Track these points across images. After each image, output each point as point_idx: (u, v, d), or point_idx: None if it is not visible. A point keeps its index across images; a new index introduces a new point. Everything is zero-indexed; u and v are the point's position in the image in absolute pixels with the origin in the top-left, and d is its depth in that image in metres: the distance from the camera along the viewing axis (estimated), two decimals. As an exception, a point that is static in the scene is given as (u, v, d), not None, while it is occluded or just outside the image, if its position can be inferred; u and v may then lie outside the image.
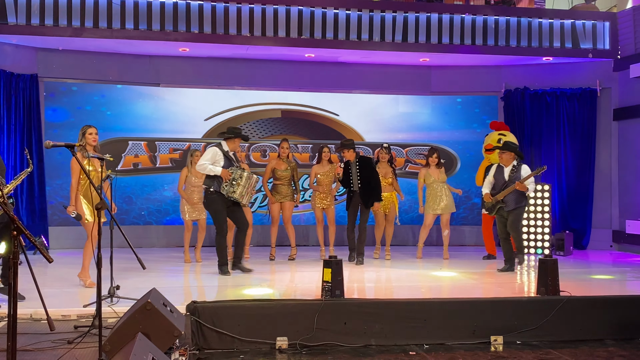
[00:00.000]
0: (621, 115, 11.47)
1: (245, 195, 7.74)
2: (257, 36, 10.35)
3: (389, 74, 11.92)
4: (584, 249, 11.47)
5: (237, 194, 7.65)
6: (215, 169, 7.66)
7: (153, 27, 10.04)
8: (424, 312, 5.78)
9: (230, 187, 7.63)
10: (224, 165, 7.74)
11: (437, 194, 9.69)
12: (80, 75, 11.03)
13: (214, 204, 7.79)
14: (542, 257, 6.40)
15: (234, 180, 7.64)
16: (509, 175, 8.38)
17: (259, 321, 5.50)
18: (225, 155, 7.82)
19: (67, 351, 4.53)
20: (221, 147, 7.87)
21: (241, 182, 7.66)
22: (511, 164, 8.42)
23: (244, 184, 7.69)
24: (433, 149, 9.95)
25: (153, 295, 4.38)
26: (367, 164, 9.14)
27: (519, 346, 5.65)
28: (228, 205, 7.83)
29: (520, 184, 8.13)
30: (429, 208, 9.73)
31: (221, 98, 11.60)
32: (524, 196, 8.35)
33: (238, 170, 7.71)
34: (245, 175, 7.70)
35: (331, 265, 5.87)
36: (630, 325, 5.99)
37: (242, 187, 7.66)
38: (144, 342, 3.44)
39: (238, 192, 7.65)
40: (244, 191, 7.69)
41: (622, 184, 11.52)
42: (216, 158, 7.76)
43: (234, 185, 7.63)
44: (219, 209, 7.79)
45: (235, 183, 7.64)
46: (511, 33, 11.08)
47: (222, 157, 7.77)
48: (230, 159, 7.84)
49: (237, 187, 7.64)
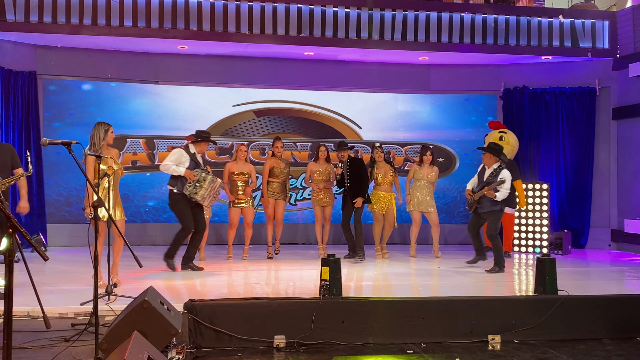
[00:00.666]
0: (620, 114, 11.46)
1: (207, 198, 7.86)
2: (256, 34, 10.34)
3: (388, 73, 11.91)
4: (582, 248, 11.47)
5: (199, 196, 7.77)
6: (179, 169, 7.77)
7: (152, 24, 10.02)
8: (421, 311, 5.78)
9: (193, 189, 7.75)
10: (190, 167, 7.86)
11: (421, 191, 9.68)
12: (78, 73, 11.02)
13: (178, 204, 7.92)
14: (540, 256, 6.39)
15: (197, 182, 7.75)
16: (486, 178, 8.39)
17: (257, 319, 5.50)
18: (192, 157, 7.93)
19: (64, 349, 4.53)
20: (188, 150, 8.00)
21: (204, 184, 7.77)
22: (492, 167, 8.38)
23: (207, 186, 7.79)
24: (425, 147, 9.95)
25: (150, 294, 4.37)
26: (356, 164, 9.32)
27: (517, 345, 5.65)
28: (192, 206, 7.94)
29: (487, 190, 8.15)
30: (412, 205, 9.74)
31: (220, 96, 11.59)
32: (499, 201, 8.25)
33: (203, 172, 7.83)
34: (209, 178, 7.82)
35: (329, 264, 5.87)
36: (628, 325, 6.01)
37: (204, 189, 7.78)
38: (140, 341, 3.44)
39: (200, 193, 7.77)
40: (206, 193, 7.81)
41: (621, 183, 11.52)
42: (181, 159, 7.87)
43: (197, 187, 7.75)
44: (184, 208, 7.92)
45: (199, 185, 7.75)
46: (510, 32, 11.07)
47: (187, 159, 7.88)
48: (196, 162, 7.96)
49: (199, 189, 7.76)
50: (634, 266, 9.37)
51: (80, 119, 10.96)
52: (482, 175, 8.51)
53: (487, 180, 8.31)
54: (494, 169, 8.34)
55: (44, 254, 2.79)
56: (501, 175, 8.18)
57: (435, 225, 9.79)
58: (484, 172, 8.52)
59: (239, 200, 9.18)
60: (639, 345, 5.74)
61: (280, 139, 9.64)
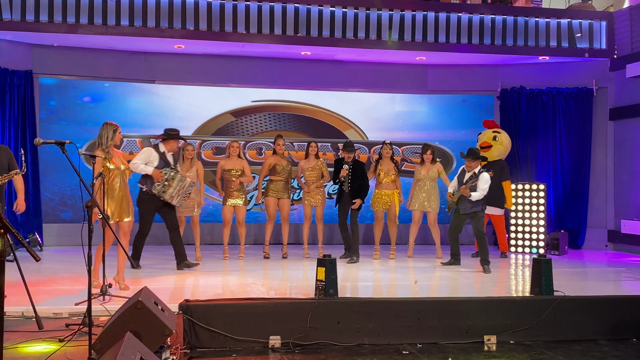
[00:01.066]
0: (617, 115, 11.46)
1: (175, 197, 7.86)
2: (253, 33, 10.32)
3: (386, 73, 11.90)
4: (579, 248, 11.47)
5: (167, 195, 7.78)
6: (147, 169, 7.77)
7: (148, 23, 10.00)
8: (417, 312, 5.78)
9: (161, 187, 7.77)
10: (159, 165, 7.84)
11: (422, 191, 9.65)
12: (75, 72, 10.99)
13: (143, 204, 7.98)
14: (536, 257, 6.39)
15: (166, 180, 7.77)
16: (466, 180, 8.51)
17: (252, 320, 5.50)
18: (161, 156, 7.91)
19: (57, 349, 4.51)
20: (157, 149, 7.98)
21: (172, 183, 7.79)
22: (473, 171, 8.48)
23: (175, 185, 7.80)
24: (427, 146, 9.91)
25: (144, 294, 4.35)
26: (359, 166, 9.34)
27: (513, 346, 5.65)
28: (160, 206, 7.96)
29: (464, 188, 8.28)
30: (413, 204, 9.72)
31: (217, 95, 11.58)
32: (479, 201, 8.35)
33: (171, 171, 7.83)
34: (177, 177, 7.83)
35: (325, 264, 5.86)
36: (624, 326, 6.01)
37: (173, 188, 7.80)
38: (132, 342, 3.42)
39: (168, 192, 7.79)
40: (174, 192, 7.82)
41: (618, 184, 11.52)
42: (150, 158, 7.84)
43: (165, 185, 7.77)
44: (146, 209, 7.99)
45: (167, 184, 7.77)
46: (508, 32, 11.07)
47: (156, 158, 7.86)
48: (166, 161, 7.94)
49: (168, 188, 7.78)
50: (630, 267, 9.36)
51: (77, 118, 10.95)
52: (462, 177, 8.63)
53: (466, 182, 8.45)
54: (474, 172, 8.48)
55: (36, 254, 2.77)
56: (480, 177, 8.34)
57: (432, 225, 9.72)
58: (463, 174, 8.64)
59: (232, 198, 9.15)
60: (635, 346, 5.74)
61: (282, 136, 9.61)
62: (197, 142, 11.37)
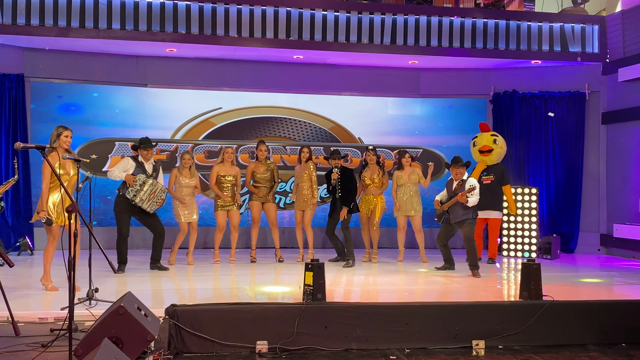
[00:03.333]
0: (610, 119, 11.46)
1: (146, 201, 8.08)
2: (245, 37, 10.32)
3: (378, 76, 11.90)
4: (571, 252, 11.46)
5: (137, 199, 8.02)
6: (121, 174, 8.10)
7: (140, 27, 10.00)
8: (405, 316, 5.73)
9: (134, 192, 8.01)
10: (134, 172, 8.14)
11: (405, 196, 9.65)
12: (66, 76, 10.97)
13: (117, 206, 8.27)
14: (524, 261, 6.37)
15: (140, 185, 8.01)
16: (454, 188, 8.56)
17: (239, 325, 5.45)
18: (139, 165, 8.24)
19: (38, 354, 4.47)
20: (136, 158, 8.32)
21: (144, 188, 8.04)
22: (460, 178, 8.57)
23: (146, 189, 8.05)
24: (403, 151, 9.94)
25: (127, 299, 4.32)
26: (347, 173, 9.35)
27: (501, 351, 5.61)
28: (137, 212, 8.23)
29: (460, 195, 8.28)
30: (398, 211, 9.71)
31: (209, 99, 11.55)
32: (469, 208, 8.41)
33: (143, 177, 8.07)
34: (148, 182, 8.07)
35: (313, 269, 5.83)
36: (614, 330, 5.97)
37: (143, 192, 8.03)
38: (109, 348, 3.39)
39: (139, 196, 8.03)
40: (144, 196, 8.05)
41: (610, 188, 11.52)
42: (127, 167, 8.18)
43: (137, 190, 8.01)
44: (120, 211, 8.23)
45: (139, 189, 8.01)
46: (500, 36, 11.07)
47: (133, 167, 8.19)
48: (143, 169, 8.24)
49: (139, 193, 8.02)
50: (623, 271, 9.35)
51: (68, 121, 10.85)
52: (450, 186, 8.68)
53: (455, 190, 8.50)
54: (462, 180, 8.54)
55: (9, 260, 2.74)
56: (469, 183, 8.41)
57: (418, 231, 9.73)
58: (452, 183, 8.69)
59: (225, 203, 9.14)
60: (624, 351, 5.70)
61: (264, 142, 9.58)
62: (190, 146, 11.33)
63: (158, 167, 8.45)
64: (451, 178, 8.73)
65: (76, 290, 6.62)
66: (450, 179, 8.75)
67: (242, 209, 11.40)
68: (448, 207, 8.51)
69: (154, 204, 8.17)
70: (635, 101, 10.87)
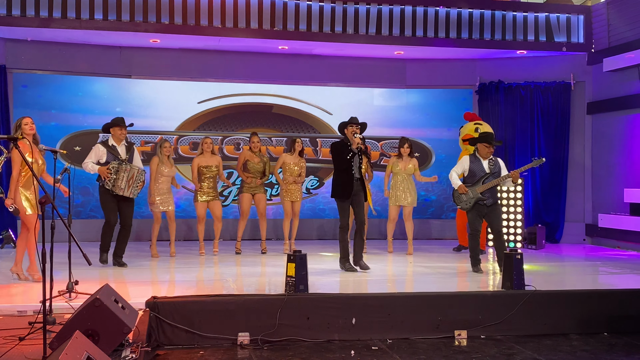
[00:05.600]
0: (595, 109, 11.48)
1: (126, 189, 7.79)
2: (229, 27, 10.25)
3: (364, 67, 11.83)
4: (557, 242, 11.49)
5: (117, 188, 7.75)
6: (94, 167, 7.80)
7: (122, 17, 9.90)
8: (387, 307, 5.74)
9: (112, 182, 7.74)
10: (107, 159, 7.83)
11: (399, 185, 9.57)
12: (49, 67, 10.84)
13: (102, 196, 7.95)
14: (507, 251, 6.37)
15: (114, 174, 7.73)
16: (489, 168, 7.74)
17: (221, 316, 5.44)
18: (110, 150, 7.89)
19: (12, 347, 4.42)
20: (106, 143, 7.96)
21: (119, 175, 7.74)
22: (488, 157, 7.82)
23: (122, 176, 7.75)
24: (404, 139, 9.81)
25: (103, 292, 4.29)
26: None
27: (483, 340, 5.63)
28: (118, 200, 7.91)
29: (515, 173, 7.52)
30: (390, 200, 9.64)
31: (193, 90, 11.46)
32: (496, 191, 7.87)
33: (115, 164, 7.77)
34: (122, 168, 7.76)
35: (295, 260, 5.82)
36: (596, 320, 6.00)
37: (120, 180, 7.75)
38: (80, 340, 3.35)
39: (117, 185, 7.75)
40: (122, 184, 7.75)
41: (596, 178, 11.55)
42: (99, 155, 7.86)
43: (114, 179, 7.74)
44: (105, 201, 7.93)
45: (116, 177, 7.73)
46: (485, 26, 11.05)
47: (104, 153, 7.86)
48: (115, 153, 7.89)
49: (116, 181, 7.75)
50: (607, 261, 9.38)
51: (51, 113, 10.81)
52: (479, 166, 7.78)
53: (492, 170, 7.71)
54: (490, 159, 7.81)
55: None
56: (501, 162, 7.80)
57: (408, 220, 9.63)
58: (478, 163, 7.82)
59: (205, 194, 9.10)
60: (606, 340, 5.73)
61: (256, 134, 9.53)
62: (174, 137, 11.26)
63: (132, 147, 8.15)
64: (474, 156, 7.88)
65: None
66: (474, 157, 7.88)
67: (229, 201, 11.39)
68: (484, 190, 7.65)
69: (135, 189, 7.89)
70: (620, 91, 10.89)
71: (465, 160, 7.97)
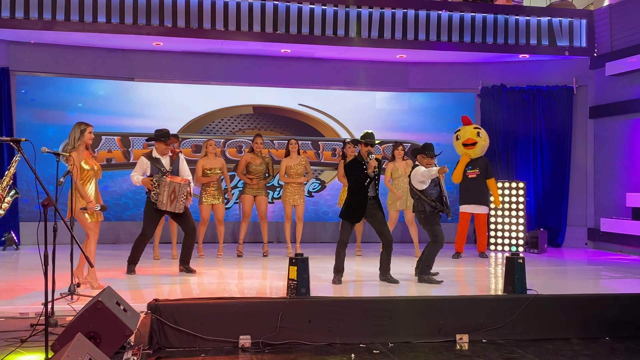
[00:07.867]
0: (597, 113, 11.47)
1: (168, 204, 7.41)
2: (232, 31, 10.26)
3: (366, 71, 11.85)
4: (559, 246, 11.47)
5: (159, 202, 7.42)
6: (138, 179, 7.53)
7: (125, 20, 9.92)
8: (389, 311, 5.75)
9: (155, 197, 7.45)
10: (152, 172, 7.58)
11: (400, 188, 9.56)
12: (52, 69, 10.87)
13: (146, 206, 7.69)
14: (509, 255, 6.37)
15: (157, 187, 7.43)
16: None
17: (222, 319, 5.45)
18: (153, 162, 7.61)
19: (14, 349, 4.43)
20: (150, 156, 7.68)
21: (160, 189, 7.41)
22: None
23: (162, 191, 7.39)
24: (398, 143, 9.85)
25: (106, 294, 4.29)
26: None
27: (485, 345, 5.63)
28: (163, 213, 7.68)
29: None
30: (391, 204, 9.63)
31: (196, 93, 11.48)
32: None
33: (157, 177, 7.47)
34: (162, 182, 7.41)
35: (297, 263, 5.82)
36: (597, 324, 6.01)
37: (161, 195, 7.39)
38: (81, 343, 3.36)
39: (159, 200, 7.40)
40: (164, 199, 7.38)
41: (598, 182, 11.53)
42: (143, 168, 7.60)
43: (157, 194, 7.42)
44: (148, 211, 7.65)
45: (159, 191, 7.42)
46: (488, 30, 11.06)
47: (148, 166, 7.58)
48: (158, 166, 7.60)
49: (159, 196, 7.41)
50: (609, 265, 9.36)
51: (54, 116, 10.83)
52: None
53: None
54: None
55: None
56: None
57: (411, 224, 9.62)
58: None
59: (210, 197, 9.11)
60: (607, 345, 5.73)
61: (260, 135, 9.54)
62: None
63: (178, 157, 7.86)
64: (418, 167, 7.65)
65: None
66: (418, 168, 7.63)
67: (231, 203, 11.40)
68: None
69: (179, 203, 7.47)
70: (623, 95, 10.88)
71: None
